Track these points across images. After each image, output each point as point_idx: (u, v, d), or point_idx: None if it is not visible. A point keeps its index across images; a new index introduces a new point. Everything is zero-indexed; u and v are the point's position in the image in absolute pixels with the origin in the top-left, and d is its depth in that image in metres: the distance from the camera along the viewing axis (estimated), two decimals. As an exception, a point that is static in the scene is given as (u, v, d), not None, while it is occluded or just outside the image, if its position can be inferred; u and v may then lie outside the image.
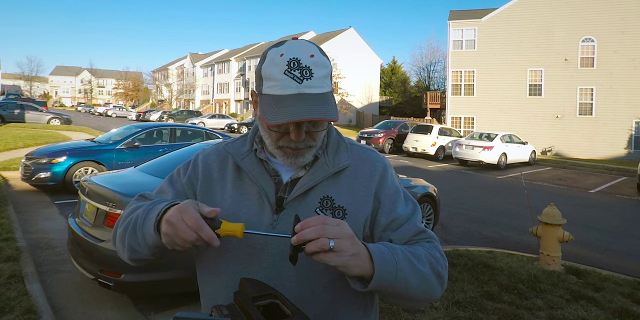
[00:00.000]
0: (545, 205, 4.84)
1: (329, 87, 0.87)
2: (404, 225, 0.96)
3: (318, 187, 0.93)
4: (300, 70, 0.82)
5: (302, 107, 0.81)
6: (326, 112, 0.82)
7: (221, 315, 0.70)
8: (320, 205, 0.92)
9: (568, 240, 4.54)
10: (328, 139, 0.99)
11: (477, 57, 24.53)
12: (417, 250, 0.89)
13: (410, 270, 0.82)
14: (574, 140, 22.35)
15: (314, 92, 0.83)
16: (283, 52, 0.84)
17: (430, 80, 43.66)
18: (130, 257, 0.92)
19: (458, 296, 3.62)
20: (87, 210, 3.62)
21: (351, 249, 0.75)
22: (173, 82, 58.53)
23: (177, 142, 8.71)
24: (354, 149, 1.01)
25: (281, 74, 0.82)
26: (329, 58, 0.89)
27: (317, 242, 0.72)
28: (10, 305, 3.12)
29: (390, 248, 0.83)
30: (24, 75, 72.18)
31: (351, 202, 0.93)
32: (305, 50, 0.84)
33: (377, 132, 19.62)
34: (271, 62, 0.84)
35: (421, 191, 5.75)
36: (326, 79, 0.86)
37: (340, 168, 0.95)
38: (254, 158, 0.98)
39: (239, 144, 1.02)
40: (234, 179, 0.98)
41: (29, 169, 7.31)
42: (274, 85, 0.84)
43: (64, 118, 23.95)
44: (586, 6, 22.12)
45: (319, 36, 44.67)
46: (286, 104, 0.82)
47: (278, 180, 0.96)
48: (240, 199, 0.95)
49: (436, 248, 0.94)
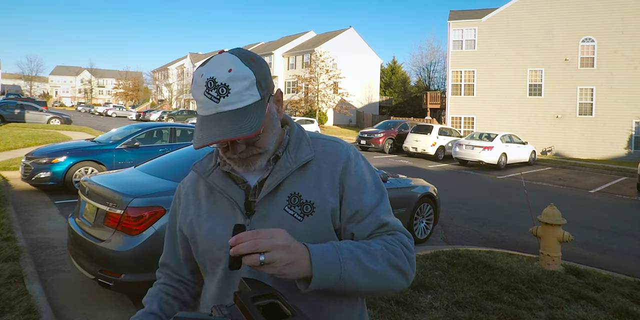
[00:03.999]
0: (545, 205, 4.84)
1: (254, 97, 0.86)
2: (367, 217, 0.95)
3: (285, 185, 0.94)
4: (217, 89, 0.83)
5: (216, 128, 0.83)
6: (242, 127, 0.83)
7: (221, 315, 0.70)
8: (288, 202, 0.93)
9: (568, 240, 4.54)
10: (290, 137, 1.00)
11: (477, 57, 24.53)
12: (373, 247, 0.89)
13: (358, 269, 0.83)
14: (574, 140, 22.36)
15: (233, 109, 0.84)
16: (203, 73, 0.85)
17: (430, 80, 43.71)
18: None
19: (458, 296, 3.62)
20: (87, 210, 3.62)
21: (286, 258, 0.75)
22: (173, 82, 58.56)
23: (177, 142, 8.71)
24: (318, 143, 1.01)
25: (202, 95, 0.84)
26: (256, 65, 0.87)
27: (249, 259, 0.73)
28: (11, 305, 3.12)
29: (337, 247, 0.84)
30: (24, 75, 72.27)
31: (318, 196, 0.94)
32: (223, 67, 0.84)
33: (377, 132, 19.63)
34: (195, 83, 0.86)
35: (421, 191, 5.75)
36: (248, 90, 0.85)
37: (302, 162, 0.95)
38: (219, 172, 1.00)
39: (206, 161, 1.05)
40: (207, 196, 1.02)
41: (29, 168, 7.31)
42: (199, 107, 0.87)
43: (64, 118, 23.97)
44: (586, 6, 22.13)
45: (319, 36, 44.65)
46: (206, 125, 0.85)
47: (247, 186, 0.97)
48: (214, 212, 0.99)
49: (399, 240, 0.93)
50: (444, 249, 5.14)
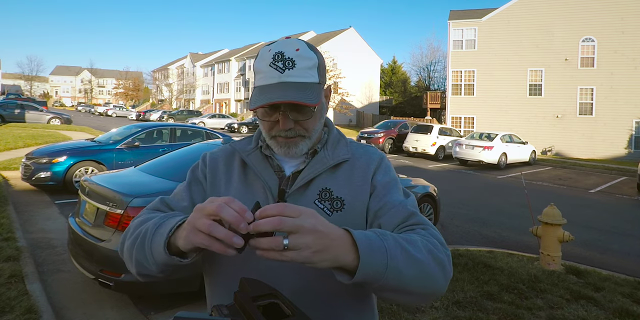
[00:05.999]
0: (545, 205, 4.84)
1: (314, 78, 0.91)
2: (395, 207, 0.93)
3: (317, 180, 0.96)
4: (284, 61, 0.88)
5: (279, 93, 0.86)
6: (303, 96, 0.86)
7: (221, 315, 0.70)
8: (319, 197, 0.95)
9: (568, 240, 4.54)
10: (328, 136, 1.04)
11: (477, 57, 24.52)
12: (412, 237, 0.81)
13: (404, 258, 0.74)
14: (574, 140, 22.34)
15: (295, 81, 0.88)
16: (271, 48, 0.90)
17: (431, 80, 43.67)
18: (138, 272, 0.88)
19: (458, 296, 3.62)
20: (87, 210, 3.63)
21: (314, 244, 0.67)
22: (173, 82, 58.52)
23: (177, 142, 8.71)
24: (353, 145, 1.06)
25: (267, 66, 0.89)
26: (318, 54, 0.94)
27: (269, 241, 0.65)
28: (11, 305, 3.13)
29: (380, 234, 0.76)
30: (24, 75, 72.21)
31: (349, 193, 0.96)
32: (291, 45, 0.90)
33: (377, 132, 19.62)
34: (260, 57, 0.91)
35: (421, 191, 5.75)
36: (310, 70, 0.90)
37: (339, 161, 0.98)
38: (259, 154, 1.01)
39: (245, 142, 1.06)
40: (240, 174, 1.01)
41: (29, 168, 7.31)
42: (261, 77, 0.91)
43: (64, 118, 23.96)
44: (586, 6, 22.11)
45: (319, 36, 44.65)
46: (266, 91, 0.88)
47: (282, 175, 0.99)
48: (245, 191, 0.98)
49: (433, 235, 0.86)
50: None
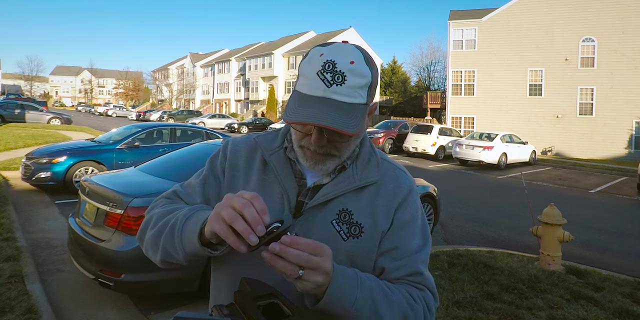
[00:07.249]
0: (545, 205, 4.84)
1: (361, 98, 0.81)
2: (404, 259, 0.90)
3: (340, 198, 0.90)
4: (333, 73, 0.78)
5: (321, 111, 0.77)
6: (344, 123, 0.77)
7: (221, 315, 0.70)
8: (337, 217, 0.89)
9: (568, 240, 4.54)
10: (360, 150, 0.95)
11: (478, 57, 24.52)
12: (395, 296, 0.83)
13: (369, 313, 0.78)
14: (574, 140, 22.34)
15: (340, 100, 0.79)
16: (324, 53, 0.81)
17: (431, 80, 43.63)
18: (162, 259, 0.88)
19: (458, 296, 3.62)
20: (87, 210, 3.63)
21: (319, 281, 0.71)
22: (173, 82, 58.49)
23: (177, 142, 8.71)
24: (384, 165, 0.97)
25: (314, 73, 0.79)
26: (374, 70, 0.83)
27: (287, 267, 0.69)
28: (11, 305, 3.12)
29: (360, 283, 0.79)
30: (24, 75, 72.20)
31: (370, 221, 0.90)
32: (346, 55, 0.80)
33: (377, 132, 19.60)
34: (309, 60, 0.82)
35: (421, 191, 5.74)
36: (361, 89, 0.81)
37: (366, 183, 0.91)
38: (282, 156, 0.94)
39: (270, 138, 0.99)
40: (259, 173, 0.95)
41: (29, 168, 7.31)
42: (304, 84, 0.82)
43: (64, 118, 23.97)
44: (586, 6, 22.11)
45: (319, 36, 44.64)
46: (308, 104, 0.79)
47: (302, 183, 0.93)
48: (263, 193, 0.88)
49: (424, 299, 0.87)
50: (444, 248, 5.14)
